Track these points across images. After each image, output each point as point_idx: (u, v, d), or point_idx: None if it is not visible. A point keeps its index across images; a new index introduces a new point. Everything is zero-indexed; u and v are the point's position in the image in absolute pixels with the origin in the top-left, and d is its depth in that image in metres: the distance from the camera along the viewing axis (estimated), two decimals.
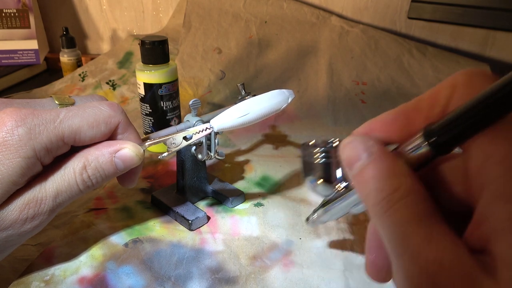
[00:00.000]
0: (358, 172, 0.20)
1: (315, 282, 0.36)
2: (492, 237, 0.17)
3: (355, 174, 0.21)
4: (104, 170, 0.32)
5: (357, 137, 0.22)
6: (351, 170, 0.21)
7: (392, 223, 0.18)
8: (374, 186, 0.19)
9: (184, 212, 0.43)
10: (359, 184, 0.21)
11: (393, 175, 0.19)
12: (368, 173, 0.20)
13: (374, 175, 0.20)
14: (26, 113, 0.29)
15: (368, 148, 0.21)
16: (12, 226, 0.29)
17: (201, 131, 0.37)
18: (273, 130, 0.68)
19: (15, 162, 0.28)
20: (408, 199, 0.18)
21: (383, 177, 0.19)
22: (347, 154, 0.21)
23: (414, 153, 0.20)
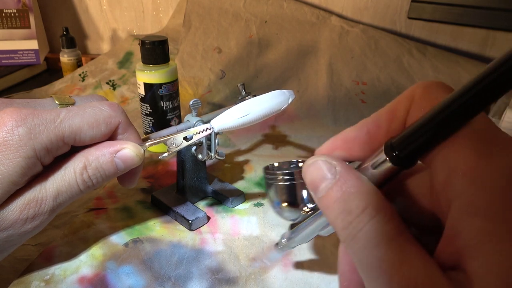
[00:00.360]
0: (324, 195, 0.20)
1: (315, 282, 0.36)
2: (464, 253, 0.16)
3: (320, 197, 0.20)
4: (105, 170, 0.32)
5: (320, 157, 0.21)
6: (316, 193, 0.20)
7: (363, 246, 0.18)
8: (341, 208, 0.19)
9: (184, 212, 0.43)
10: (325, 208, 0.20)
11: (359, 194, 0.19)
12: (334, 195, 0.19)
13: (339, 197, 0.19)
14: (27, 113, 0.29)
15: (332, 167, 0.20)
16: (12, 226, 0.29)
17: (202, 132, 0.37)
18: (273, 130, 0.68)
19: (15, 162, 0.28)
20: (376, 220, 0.18)
21: (349, 197, 0.19)
22: (311, 176, 0.21)
23: (378, 169, 0.20)
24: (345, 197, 0.19)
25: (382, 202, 0.19)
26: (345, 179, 0.19)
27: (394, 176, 0.20)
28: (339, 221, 0.19)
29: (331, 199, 0.19)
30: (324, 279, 0.37)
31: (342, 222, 0.19)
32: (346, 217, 0.19)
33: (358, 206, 0.18)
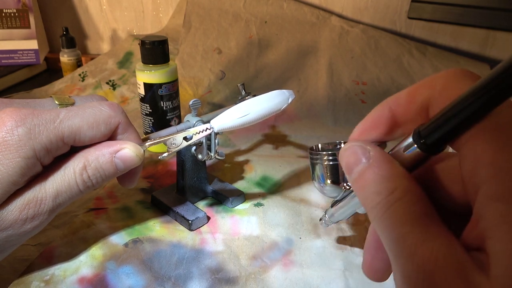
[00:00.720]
0: (357, 177, 0.21)
1: (315, 282, 0.36)
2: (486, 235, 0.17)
3: (354, 179, 0.21)
4: (104, 170, 0.32)
5: (355, 143, 0.23)
6: (351, 175, 0.22)
7: (389, 224, 0.19)
8: (372, 190, 0.20)
9: (184, 212, 0.43)
10: (358, 189, 0.21)
11: (390, 177, 0.20)
12: (367, 177, 0.21)
13: (372, 179, 0.20)
14: (26, 113, 0.29)
15: (366, 152, 0.21)
16: (12, 226, 0.29)
17: (202, 132, 0.37)
18: (273, 130, 0.68)
19: (15, 162, 0.28)
20: (404, 200, 0.19)
21: (381, 180, 0.20)
22: (346, 160, 0.22)
23: (408, 154, 0.21)
24: (376, 179, 0.20)
25: (411, 185, 0.20)
26: (378, 163, 0.21)
27: (424, 161, 0.21)
28: (369, 201, 0.20)
29: (364, 181, 0.21)
30: (324, 279, 0.37)
31: (372, 202, 0.20)
32: (376, 198, 0.20)
33: (387, 187, 0.20)
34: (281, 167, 0.55)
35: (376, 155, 0.21)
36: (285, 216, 0.45)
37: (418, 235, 0.18)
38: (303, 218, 0.45)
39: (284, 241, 0.41)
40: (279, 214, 0.45)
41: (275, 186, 0.51)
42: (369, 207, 0.20)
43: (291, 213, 0.46)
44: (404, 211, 0.19)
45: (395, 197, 0.19)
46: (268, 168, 0.55)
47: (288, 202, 0.48)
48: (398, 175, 0.20)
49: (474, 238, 0.18)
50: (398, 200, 0.19)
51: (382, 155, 0.21)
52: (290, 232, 0.42)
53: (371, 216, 0.20)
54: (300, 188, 0.50)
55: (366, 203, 0.20)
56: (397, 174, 0.20)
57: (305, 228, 0.43)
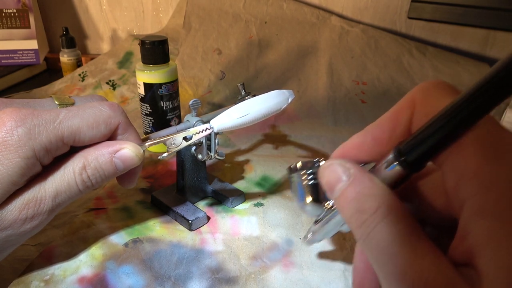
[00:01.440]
0: (339, 195, 0.21)
1: (315, 283, 0.36)
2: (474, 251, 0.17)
3: (336, 197, 0.21)
4: (104, 170, 0.32)
5: (336, 160, 0.22)
6: (333, 193, 0.22)
7: (376, 245, 0.19)
8: (355, 208, 0.20)
9: (184, 212, 0.43)
10: (341, 207, 0.21)
11: (372, 195, 0.20)
12: (349, 195, 0.20)
13: (353, 197, 0.20)
14: (26, 113, 0.29)
15: (346, 170, 0.21)
16: (11, 226, 0.29)
17: (201, 132, 0.37)
18: (273, 130, 0.68)
19: (15, 162, 0.28)
20: (389, 219, 0.19)
21: (363, 198, 0.20)
22: (327, 178, 0.22)
23: (389, 172, 0.21)
24: (359, 197, 0.20)
25: (395, 202, 0.19)
26: (359, 181, 0.20)
27: (406, 178, 0.21)
28: (354, 220, 0.20)
29: (346, 199, 0.20)
30: (324, 279, 0.37)
31: (357, 221, 0.20)
32: (360, 217, 0.19)
33: (371, 206, 0.19)
34: (281, 167, 0.55)
35: (357, 173, 0.21)
36: (285, 216, 0.45)
37: (406, 255, 0.18)
38: (303, 219, 0.45)
39: (284, 242, 0.41)
40: (279, 214, 0.45)
41: (275, 186, 0.51)
42: (353, 227, 0.20)
43: (291, 213, 0.45)
44: (389, 230, 0.18)
45: (379, 215, 0.19)
46: (268, 168, 0.55)
47: (288, 202, 0.48)
48: (380, 193, 0.20)
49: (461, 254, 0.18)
50: (383, 218, 0.19)
51: (362, 173, 0.21)
52: (290, 233, 0.42)
53: (357, 236, 0.20)
54: None
55: (351, 222, 0.20)
56: (379, 192, 0.20)
57: (305, 228, 0.43)
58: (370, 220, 0.19)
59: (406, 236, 0.18)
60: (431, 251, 0.18)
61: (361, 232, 0.19)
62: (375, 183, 0.20)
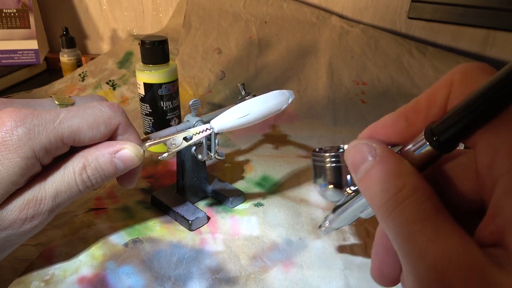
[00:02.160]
0: (364, 175, 0.20)
1: (315, 282, 0.36)
2: (506, 229, 0.17)
3: (360, 178, 0.21)
4: (104, 170, 0.32)
5: (362, 140, 0.22)
6: (357, 173, 0.21)
7: (398, 223, 0.18)
8: (379, 188, 0.19)
9: (184, 212, 0.43)
10: (364, 187, 0.20)
11: (397, 175, 0.19)
12: (373, 175, 0.20)
13: (379, 177, 0.20)
14: (26, 113, 0.29)
15: (372, 150, 0.21)
16: (11, 226, 0.29)
17: (202, 132, 0.37)
18: (273, 130, 0.68)
19: (15, 162, 0.28)
20: (413, 198, 0.18)
21: (388, 178, 0.19)
22: (352, 158, 0.21)
23: (418, 153, 0.20)
24: (384, 176, 0.19)
25: (420, 183, 0.19)
26: (385, 160, 0.20)
27: (435, 160, 0.20)
28: (377, 199, 0.19)
29: (371, 179, 0.20)
30: (324, 279, 0.37)
31: (380, 200, 0.19)
32: (384, 195, 0.19)
33: (395, 185, 0.19)
34: (281, 167, 0.55)
35: (383, 152, 0.20)
36: (285, 217, 0.45)
37: (429, 233, 0.17)
38: (303, 219, 0.45)
39: (284, 242, 0.41)
40: (279, 214, 0.45)
41: (275, 186, 0.51)
42: (376, 206, 0.20)
43: (291, 213, 0.45)
44: (413, 209, 0.18)
45: (404, 195, 0.18)
46: (268, 168, 0.55)
47: (288, 202, 0.48)
48: (406, 173, 0.19)
49: (490, 234, 0.18)
50: (407, 198, 0.18)
51: (389, 153, 0.20)
52: (290, 233, 0.42)
53: (379, 215, 0.20)
54: (300, 188, 0.50)
55: (373, 202, 0.20)
56: (405, 171, 0.19)
57: (305, 228, 0.43)
58: (394, 199, 0.19)
59: (431, 216, 0.18)
60: (455, 230, 0.17)
61: (384, 210, 0.19)
62: (402, 163, 0.20)
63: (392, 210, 0.18)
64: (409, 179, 0.19)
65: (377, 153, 0.20)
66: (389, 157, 0.20)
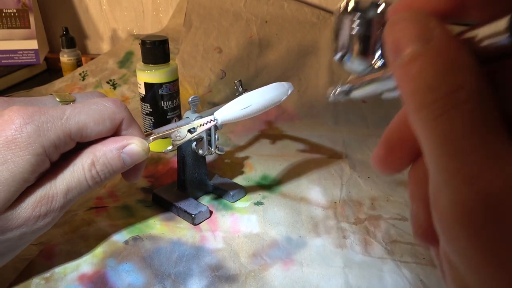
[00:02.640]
0: (407, 62, 0.15)
1: (315, 280, 0.36)
2: None
3: (402, 64, 0.15)
4: (112, 165, 0.32)
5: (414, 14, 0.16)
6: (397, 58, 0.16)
7: (446, 132, 0.14)
8: (427, 82, 0.15)
9: (186, 207, 0.43)
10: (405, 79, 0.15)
11: (455, 70, 0.14)
12: (421, 64, 0.15)
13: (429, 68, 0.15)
14: (33, 111, 0.29)
15: (428, 31, 0.15)
16: (25, 223, 0.30)
17: (206, 123, 0.37)
18: (273, 129, 0.68)
19: (25, 160, 0.28)
20: (471, 104, 0.14)
21: (441, 71, 0.14)
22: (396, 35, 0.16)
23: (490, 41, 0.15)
24: (436, 69, 0.15)
25: (482, 85, 0.14)
26: (441, 49, 0.15)
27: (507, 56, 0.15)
28: (419, 97, 0.15)
29: (417, 69, 0.15)
30: (323, 277, 0.37)
31: (423, 99, 0.15)
32: (429, 95, 0.14)
33: (451, 83, 0.14)
34: (281, 166, 0.55)
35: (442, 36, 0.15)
36: (285, 215, 0.45)
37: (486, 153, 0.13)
38: (303, 217, 0.45)
39: (284, 240, 0.41)
40: (279, 212, 0.45)
41: (275, 185, 0.51)
42: (417, 105, 0.15)
43: (291, 211, 0.46)
44: (469, 118, 0.14)
45: (460, 98, 0.14)
46: (268, 167, 0.55)
47: (288, 201, 0.48)
48: (467, 68, 0.14)
49: None
50: (463, 102, 0.14)
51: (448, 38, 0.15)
52: (290, 231, 0.42)
53: (417, 117, 0.15)
54: (300, 187, 0.50)
55: (413, 98, 0.15)
56: (466, 66, 0.14)
57: (305, 226, 0.43)
58: (442, 101, 0.14)
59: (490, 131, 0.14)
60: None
61: (426, 113, 0.14)
62: (463, 54, 0.15)
63: (439, 114, 0.14)
64: (470, 78, 0.14)
65: (433, 36, 0.15)
66: (448, 44, 0.15)
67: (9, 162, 0.28)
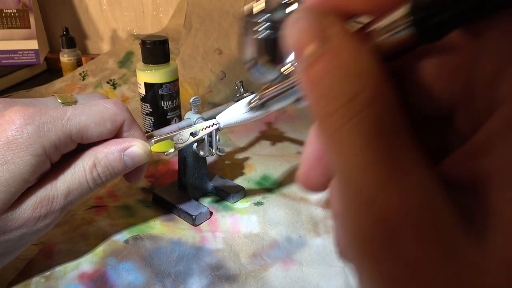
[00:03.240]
0: (307, 67, 0.14)
1: (315, 280, 0.36)
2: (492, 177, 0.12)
3: (303, 68, 0.14)
4: (114, 167, 0.32)
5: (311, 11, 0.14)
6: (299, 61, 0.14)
7: (345, 147, 0.13)
8: (326, 91, 0.13)
9: (187, 208, 0.44)
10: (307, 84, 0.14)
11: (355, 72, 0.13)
12: (321, 68, 0.14)
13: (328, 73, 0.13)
14: (34, 111, 0.29)
15: (323, 29, 0.14)
16: (25, 224, 0.30)
17: (208, 127, 0.37)
18: (273, 129, 0.68)
19: (26, 160, 0.28)
20: (371, 111, 0.13)
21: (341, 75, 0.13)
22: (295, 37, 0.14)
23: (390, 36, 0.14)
24: (334, 74, 0.13)
25: (383, 86, 0.13)
26: (339, 49, 0.13)
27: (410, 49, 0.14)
28: (320, 107, 0.14)
29: (317, 73, 0.14)
30: (324, 276, 0.37)
31: (324, 108, 0.13)
32: (331, 103, 0.13)
33: (349, 90, 0.13)
34: (281, 166, 0.55)
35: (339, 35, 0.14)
36: (285, 215, 0.45)
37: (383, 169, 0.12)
38: (303, 217, 0.45)
39: (284, 240, 0.41)
40: (279, 212, 0.46)
41: (275, 185, 0.51)
42: (320, 115, 0.14)
43: (291, 212, 0.46)
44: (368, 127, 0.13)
45: (359, 104, 0.13)
46: (268, 167, 0.55)
47: (288, 201, 0.48)
48: (366, 69, 0.13)
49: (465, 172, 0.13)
50: (362, 109, 0.13)
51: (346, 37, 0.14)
52: (290, 231, 0.43)
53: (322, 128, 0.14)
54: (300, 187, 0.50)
55: (316, 108, 0.14)
56: (366, 66, 0.13)
57: (305, 226, 0.43)
58: (343, 110, 0.13)
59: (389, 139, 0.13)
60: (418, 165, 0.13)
61: (329, 125, 0.13)
62: (362, 54, 0.13)
63: (339, 126, 0.13)
64: (370, 80, 0.13)
65: (329, 34, 0.14)
66: (345, 43, 0.14)
67: (10, 162, 0.28)
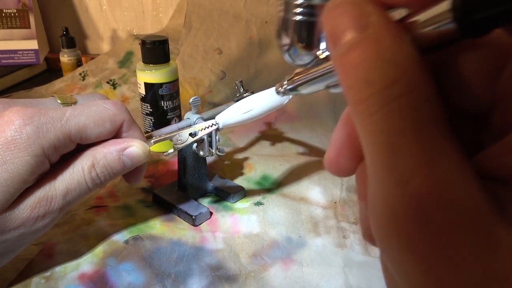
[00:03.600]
0: (344, 53, 0.14)
1: (315, 280, 0.36)
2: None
3: (339, 54, 0.14)
4: (112, 168, 0.32)
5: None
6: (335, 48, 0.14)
7: (380, 130, 0.13)
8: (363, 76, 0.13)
9: (187, 208, 0.43)
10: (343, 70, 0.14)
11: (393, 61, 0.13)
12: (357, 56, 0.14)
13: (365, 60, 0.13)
14: (33, 112, 0.29)
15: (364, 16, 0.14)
16: (24, 224, 0.30)
17: (207, 128, 0.37)
18: (273, 130, 0.68)
19: (25, 161, 0.28)
20: (409, 98, 0.13)
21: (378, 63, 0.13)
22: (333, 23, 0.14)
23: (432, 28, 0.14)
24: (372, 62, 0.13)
25: (421, 76, 0.13)
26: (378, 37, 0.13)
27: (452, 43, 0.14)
28: (356, 92, 0.14)
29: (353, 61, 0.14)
30: (324, 276, 0.37)
31: (360, 93, 0.13)
32: (366, 89, 0.13)
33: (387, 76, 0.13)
34: (281, 166, 0.55)
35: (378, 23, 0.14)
36: (285, 215, 0.45)
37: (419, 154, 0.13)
38: (303, 217, 0.45)
39: (284, 240, 0.41)
40: (279, 213, 0.45)
41: (275, 185, 0.51)
42: (354, 99, 0.14)
43: (291, 211, 0.46)
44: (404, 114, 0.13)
45: (396, 92, 0.13)
46: (268, 167, 0.55)
47: (288, 201, 0.48)
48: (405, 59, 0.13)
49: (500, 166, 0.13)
50: (400, 97, 0.13)
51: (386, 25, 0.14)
52: (290, 231, 0.43)
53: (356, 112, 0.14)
54: (300, 187, 0.51)
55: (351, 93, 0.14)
56: (404, 56, 0.13)
57: (305, 226, 0.43)
58: (379, 96, 0.13)
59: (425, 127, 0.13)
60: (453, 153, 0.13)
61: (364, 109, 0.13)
62: (402, 44, 0.13)
63: (374, 110, 0.13)
64: (408, 70, 0.13)
65: (370, 22, 0.14)
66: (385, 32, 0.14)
67: (8, 163, 0.28)
